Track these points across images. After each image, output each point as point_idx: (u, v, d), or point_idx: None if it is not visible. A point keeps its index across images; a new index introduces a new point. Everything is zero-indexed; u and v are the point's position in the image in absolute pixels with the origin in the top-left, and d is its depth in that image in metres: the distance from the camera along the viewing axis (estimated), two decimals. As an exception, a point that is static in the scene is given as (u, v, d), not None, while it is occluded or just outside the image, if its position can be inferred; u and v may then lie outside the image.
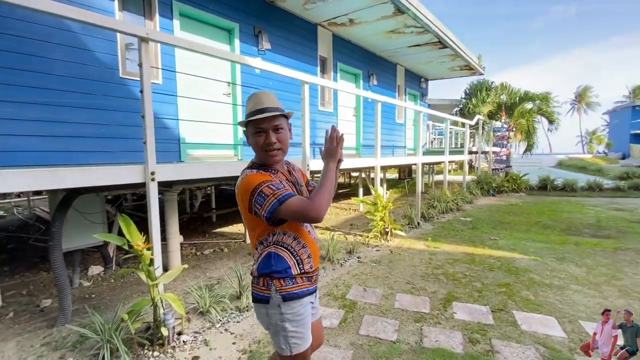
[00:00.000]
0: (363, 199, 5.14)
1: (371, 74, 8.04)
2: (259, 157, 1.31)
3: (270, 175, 1.24)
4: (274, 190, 1.18)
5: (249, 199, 1.20)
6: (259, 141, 1.26)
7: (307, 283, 1.31)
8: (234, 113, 4.78)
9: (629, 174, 11.47)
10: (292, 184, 1.35)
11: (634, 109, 25.86)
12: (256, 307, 1.32)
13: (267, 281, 1.26)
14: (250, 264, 4.15)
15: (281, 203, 1.15)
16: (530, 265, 3.91)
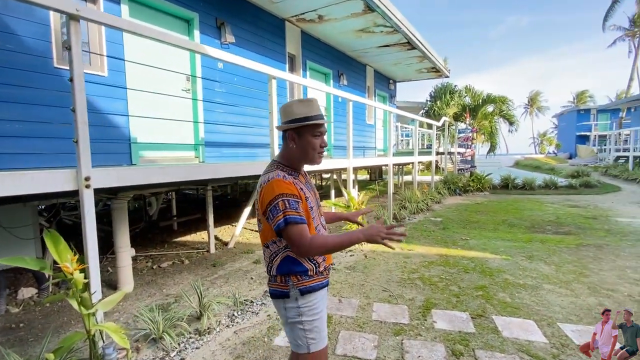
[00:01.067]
0: (335, 202, 4.95)
1: (341, 74, 7.89)
2: (304, 157, 1.37)
3: (294, 186, 1.28)
4: (286, 207, 1.22)
5: (267, 204, 1.25)
6: (316, 142, 1.34)
7: (322, 277, 1.38)
8: (194, 110, 4.37)
9: (579, 172, 12.32)
10: (310, 186, 1.43)
11: (579, 112, 28.10)
12: (275, 303, 1.38)
13: (285, 278, 1.32)
14: (213, 277, 3.80)
15: (287, 224, 1.21)
16: (502, 265, 3.90)
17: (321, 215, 1.46)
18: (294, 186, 1.28)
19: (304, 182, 1.39)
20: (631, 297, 3.01)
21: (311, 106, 1.34)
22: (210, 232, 4.64)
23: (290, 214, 1.21)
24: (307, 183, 1.42)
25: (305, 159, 1.37)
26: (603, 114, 26.10)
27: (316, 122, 1.32)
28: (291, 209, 1.22)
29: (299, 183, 1.34)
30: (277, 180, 1.26)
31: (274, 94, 3.31)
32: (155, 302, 3.11)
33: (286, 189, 1.25)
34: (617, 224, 5.94)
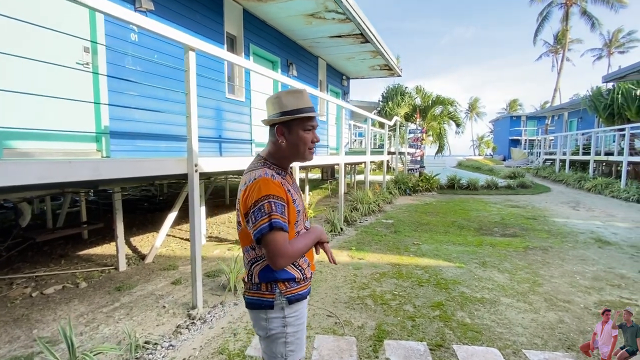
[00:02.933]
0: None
1: (290, 64, 7.25)
2: (294, 154, 1.24)
3: (282, 187, 1.17)
4: (272, 210, 1.11)
5: (252, 205, 1.13)
6: (307, 138, 1.23)
7: (307, 283, 1.30)
8: (95, 90, 3.40)
9: (515, 174, 13.16)
10: (296, 188, 1.32)
11: (511, 119, 30.84)
12: (254, 313, 1.26)
13: (271, 285, 1.22)
14: (113, 307, 2.92)
15: (271, 229, 1.10)
16: (457, 275, 3.60)
17: (306, 219, 1.34)
18: (282, 188, 1.17)
19: (291, 183, 1.27)
20: (588, 310, 2.83)
21: (302, 97, 1.22)
22: (120, 245, 3.71)
23: (276, 218, 1.11)
24: (293, 183, 1.31)
25: (296, 155, 1.26)
26: (531, 120, 28.85)
27: (308, 115, 1.21)
28: (277, 212, 1.12)
29: (287, 184, 1.23)
30: (265, 180, 1.15)
31: (191, 71, 2.56)
32: (12, 352, 2.21)
33: (274, 190, 1.14)
34: (555, 225, 6.14)
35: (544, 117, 26.74)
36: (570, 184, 12.17)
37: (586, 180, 11.33)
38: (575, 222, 6.35)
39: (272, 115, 1.22)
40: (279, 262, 1.11)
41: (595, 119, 15.72)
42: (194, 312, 2.68)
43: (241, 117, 5.69)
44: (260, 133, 6.25)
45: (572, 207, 8.20)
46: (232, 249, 4.59)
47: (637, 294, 3.14)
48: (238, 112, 5.60)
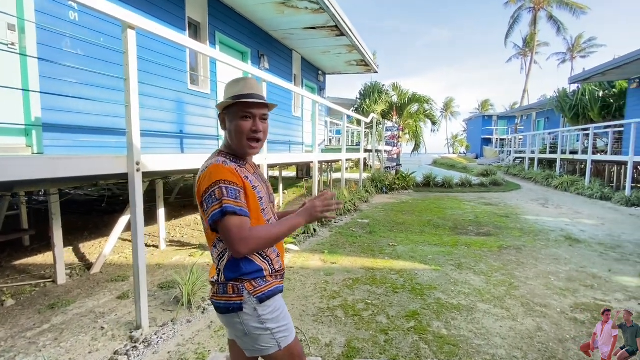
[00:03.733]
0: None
1: (262, 55, 6.86)
2: (235, 145, 1.17)
3: (234, 170, 1.10)
4: (223, 195, 1.04)
5: (203, 192, 1.08)
6: (244, 126, 1.14)
7: (278, 281, 1.22)
8: (24, 75, 2.90)
9: (487, 171, 13.45)
10: (260, 177, 1.23)
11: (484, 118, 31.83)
12: (225, 318, 1.17)
13: (236, 286, 1.13)
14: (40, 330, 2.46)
15: (223, 215, 1.03)
16: (433, 279, 3.43)
17: (274, 213, 1.27)
18: (235, 173, 1.09)
19: (251, 172, 1.20)
20: (565, 315, 2.72)
21: (245, 84, 1.15)
22: (58, 255, 3.24)
23: (228, 203, 1.03)
24: (255, 173, 1.22)
25: (238, 145, 1.16)
26: (502, 120, 29.87)
27: (243, 101, 1.12)
28: (229, 197, 1.04)
29: (245, 172, 1.15)
30: (215, 166, 1.09)
31: (131, 52, 2.17)
32: None
33: (225, 175, 1.07)
34: (527, 223, 6.19)
35: (514, 117, 27.74)
36: (538, 182, 12.57)
37: (553, 178, 11.72)
38: (546, 220, 6.44)
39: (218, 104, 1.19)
40: (238, 247, 1.02)
41: (561, 119, 16.38)
42: (138, 333, 2.32)
43: (206, 111, 5.26)
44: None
45: (542, 204, 8.38)
46: (194, 254, 4.21)
47: (610, 295, 3.09)
48: (202, 105, 5.17)
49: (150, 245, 4.58)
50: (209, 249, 1.20)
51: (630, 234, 5.40)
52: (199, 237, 5.09)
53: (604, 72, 10.10)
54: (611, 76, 10.90)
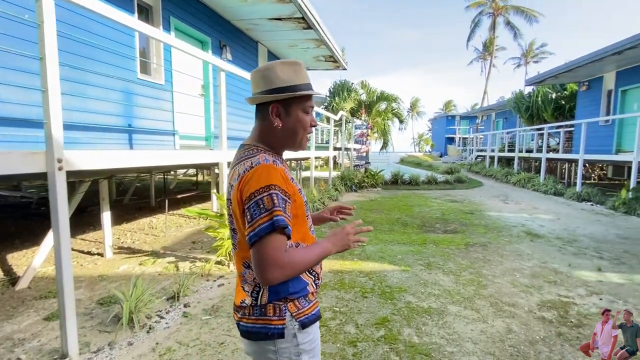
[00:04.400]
0: (200, 211, 3.60)
1: (224, 46, 6.43)
2: (290, 140, 1.00)
3: (286, 175, 0.92)
4: (274, 205, 0.85)
5: (247, 200, 0.86)
6: (307, 120, 1.00)
7: (317, 301, 1.03)
8: None
9: (452, 169, 13.90)
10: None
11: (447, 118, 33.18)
12: (256, 346, 0.96)
13: (278, 307, 0.94)
14: None
15: (273, 229, 0.83)
16: (402, 281, 3.31)
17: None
18: (286, 177, 0.91)
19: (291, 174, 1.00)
20: (533, 314, 2.70)
21: (300, 71, 0.98)
22: (-32, 269, 2.71)
23: (279, 215, 0.84)
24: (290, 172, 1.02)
25: (293, 142, 1.01)
26: (464, 120, 31.26)
27: (309, 93, 0.96)
28: (280, 208, 0.85)
29: (289, 172, 0.97)
30: (265, 167, 0.88)
31: (47, 25, 1.78)
32: None
33: (278, 179, 0.88)
34: (490, 219, 6.34)
35: (475, 117, 29.11)
36: (499, 179, 13.17)
37: (512, 175, 12.32)
38: (508, 216, 6.65)
39: (263, 92, 0.96)
40: (273, 275, 0.84)
41: (518, 119, 17.35)
42: (63, 363, 1.94)
43: (160, 103, 4.80)
44: (185, 123, 5.39)
45: (503, 200, 8.71)
46: (144, 262, 3.78)
47: (573, 291, 3.14)
48: (155, 96, 4.69)
49: (95, 254, 4.08)
50: (238, 267, 0.98)
51: (583, 227, 5.68)
52: (153, 242, 4.64)
53: (556, 75, 10.74)
54: (563, 79, 11.65)
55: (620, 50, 7.82)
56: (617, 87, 9.91)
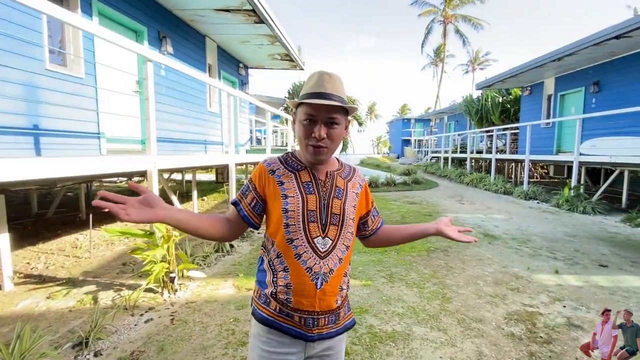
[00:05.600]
0: (125, 229, 2.98)
1: (164, 37, 5.73)
2: (301, 150, 1.07)
3: (266, 173, 1.06)
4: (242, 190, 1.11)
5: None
6: (303, 131, 1.00)
7: (282, 317, 1.02)
8: None
9: (409, 170, 14.15)
10: (318, 189, 1.05)
11: (403, 121, 34.32)
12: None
13: (255, 288, 1.11)
14: None
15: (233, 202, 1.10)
16: (364, 299, 2.99)
17: (323, 235, 1.01)
18: (261, 174, 1.06)
19: (303, 180, 1.04)
20: (501, 329, 2.50)
21: (310, 80, 1.02)
22: None
23: (235, 197, 1.10)
24: (311, 183, 1.04)
25: (303, 150, 1.04)
26: (419, 122, 32.51)
27: (302, 101, 0.99)
28: (240, 191, 1.11)
29: (288, 179, 1.04)
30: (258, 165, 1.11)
31: None
32: None
33: (253, 175, 1.09)
34: (449, 221, 6.33)
35: (429, 119, 30.38)
36: (453, 179, 13.64)
37: (465, 176, 12.80)
38: (464, 217, 6.70)
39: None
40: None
41: (468, 121, 18.25)
42: None
43: (79, 101, 4.03)
44: (116, 124, 4.65)
45: (458, 201, 8.89)
46: (54, 295, 3.06)
47: (536, 298, 3.03)
48: (72, 92, 3.93)
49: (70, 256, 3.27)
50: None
51: (534, 226, 5.85)
52: (72, 266, 3.87)
53: (503, 79, 11.33)
54: (509, 84, 12.35)
55: (560, 57, 8.36)
56: (557, 91, 10.69)
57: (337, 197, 1.05)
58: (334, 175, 1.09)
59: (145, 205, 0.90)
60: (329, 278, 1.01)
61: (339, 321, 1.06)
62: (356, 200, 1.11)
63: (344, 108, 1.01)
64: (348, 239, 1.06)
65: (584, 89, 9.58)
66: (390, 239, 1.21)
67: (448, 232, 1.15)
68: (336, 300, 1.03)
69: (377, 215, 1.22)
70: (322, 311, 1.01)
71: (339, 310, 1.06)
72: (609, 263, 3.98)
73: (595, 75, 9.11)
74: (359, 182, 1.15)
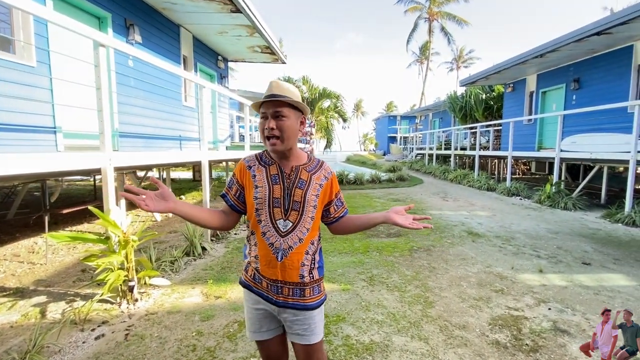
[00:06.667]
0: (76, 234, 2.66)
1: (132, 25, 5.33)
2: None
3: (243, 169, 1.29)
4: (227, 184, 1.34)
5: None
6: (260, 126, 1.26)
7: (254, 282, 1.29)
8: None
9: (394, 167, 14.07)
10: (282, 179, 1.26)
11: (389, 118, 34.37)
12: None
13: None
14: None
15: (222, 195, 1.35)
16: (341, 305, 2.79)
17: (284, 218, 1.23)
18: (240, 169, 1.30)
19: (272, 173, 1.26)
20: (485, 337, 2.34)
21: (268, 85, 1.25)
22: None
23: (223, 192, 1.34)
24: (277, 175, 1.26)
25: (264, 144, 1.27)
26: (405, 119, 32.63)
27: (257, 102, 1.24)
28: (227, 186, 1.33)
29: (259, 172, 1.27)
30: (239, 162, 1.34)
31: None
32: None
33: (235, 170, 1.32)
34: (432, 218, 6.21)
35: (415, 116, 30.52)
36: (437, 176, 13.65)
37: (449, 172, 12.82)
38: (448, 214, 6.61)
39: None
40: None
41: (453, 118, 18.35)
42: None
43: (30, 91, 3.65)
44: (77, 118, 4.27)
45: (442, 197, 8.83)
46: (-5, 308, 2.72)
47: (521, 300, 2.90)
48: (21, 82, 3.54)
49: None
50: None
51: (517, 223, 5.80)
52: (26, 273, 3.52)
53: (487, 76, 11.35)
54: (492, 80, 12.40)
55: (542, 53, 8.38)
56: (538, 88, 10.78)
57: (299, 187, 1.25)
58: (299, 168, 1.28)
59: (161, 198, 1.14)
60: (288, 253, 1.23)
61: (304, 297, 1.26)
62: (319, 190, 1.28)
63: (292, 105, 1.21)
64: (308, 222, 1.25)
65: (564, 86, 9.67)
66: (349, 226, 1.38)
67: (397, 220, 1.26)
68: (299, 274, 1.24)
69: (340, 205, 1.38)
70: (284, 281, 1.24)
71: (305, 286, 1.26)
72: (591, 261, 3.92)
73: (575, 72, 9.20)
74: (325, 174, 1.32)
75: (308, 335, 1.27)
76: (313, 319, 1.27)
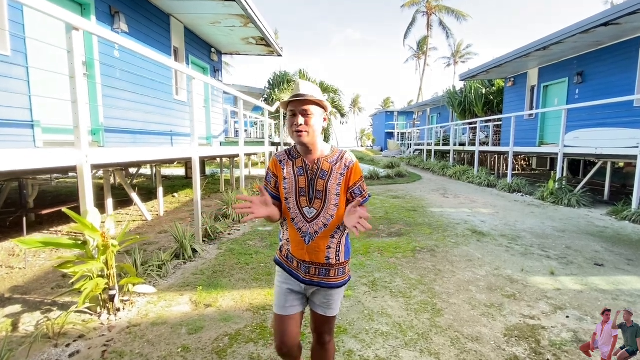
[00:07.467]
0: (49, 239, 2.39)
1: (117, 13, 5.01)
2: (291, 137, 1.42)
3: (275, 164, 1.47)
4: (265, 177, 1.51)
5: None
6: (289, 122, 1.38)
7: (287, 260, 1.47)
8: None
9: (393, 163, 13.86)
10: (307, 172, 1.41)
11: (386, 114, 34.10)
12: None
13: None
14: None
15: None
16: (343, 314, 2.57)
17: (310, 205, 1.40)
18: (275, 165, 1.47)
19: (297, 166, 1.43)
20: (501, 350, 2.13)
21: (295, 85, 1.40)
22: None
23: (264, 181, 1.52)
24: (302, 168, 1.42)
25: (292, 138, 1.41)
26: (402, 115, 32.38)
27: (286, 101, 1.38)
28: (265, 178, 1.51)
29: (288, 165, 1.44)
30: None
31: None
32: None
33: (270, 164, 1.49)
34: (434, 216, 6.01)
35: (412, 112, 30.28)
36: (436, 172, 13.46)
37: (448, 168, 12.63)
38: (450, 212, 6.41)
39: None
40: None
41: (451, 114, 18.13)
42: None
43: (3, 83, 3.36)
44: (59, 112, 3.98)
45: (442, 194, 8.64)
46: (-40, 321, 2.46)
47: (535, 307, 2.69)
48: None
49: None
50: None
51: (522, 221, 5.61)
52: (2, 279, 3.27)
53: (487, 70, 11.11)
54: (492, 75, 12.17)
55: (546, 45, 8.15)
56: (540, 82, 10.56)
57: (321, 178, 1.39)
58: (321, 161, 1.41)
59: (264, 204, 1.35)
60: (315, 237, 1.40)
61: (329, 277, 1.42)
62: (341, 179, 1.40)
63: (317, 103, 1.36)
64: (332, 209, 1.39)
65: (567, 80, 9.46)
66: None
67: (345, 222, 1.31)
68: (325, 256, 1.41)
69: (359, 194, 1.43)
70: (312, 262, 1.41)
71: (330, 267, 1.42)
72: (604, 262, 3.73)
73: (579, 65, 8.99)
74: (346, 164, 1.42)
75: (326, 308, 1.45)
76: (333, 296, 1.44)
